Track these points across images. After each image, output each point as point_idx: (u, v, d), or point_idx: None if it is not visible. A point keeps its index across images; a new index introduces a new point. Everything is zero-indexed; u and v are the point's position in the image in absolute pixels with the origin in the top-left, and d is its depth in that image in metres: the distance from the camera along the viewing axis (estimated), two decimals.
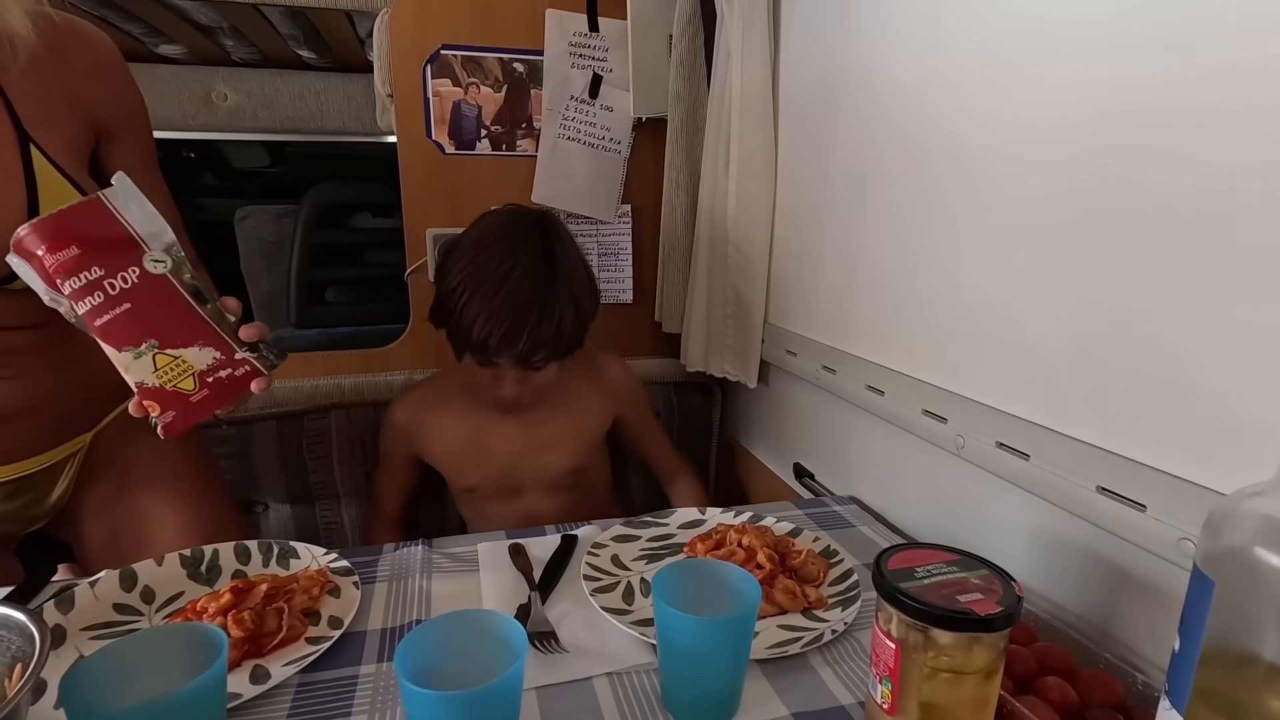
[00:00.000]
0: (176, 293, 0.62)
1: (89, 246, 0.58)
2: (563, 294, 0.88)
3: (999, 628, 0.44)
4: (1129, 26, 0.53)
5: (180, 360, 0.62)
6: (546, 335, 0.87)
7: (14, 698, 0.38)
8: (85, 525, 0.83)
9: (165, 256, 0.61)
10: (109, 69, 0.77)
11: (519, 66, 1.22)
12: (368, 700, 0.54)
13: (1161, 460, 0.52)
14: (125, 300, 0.60)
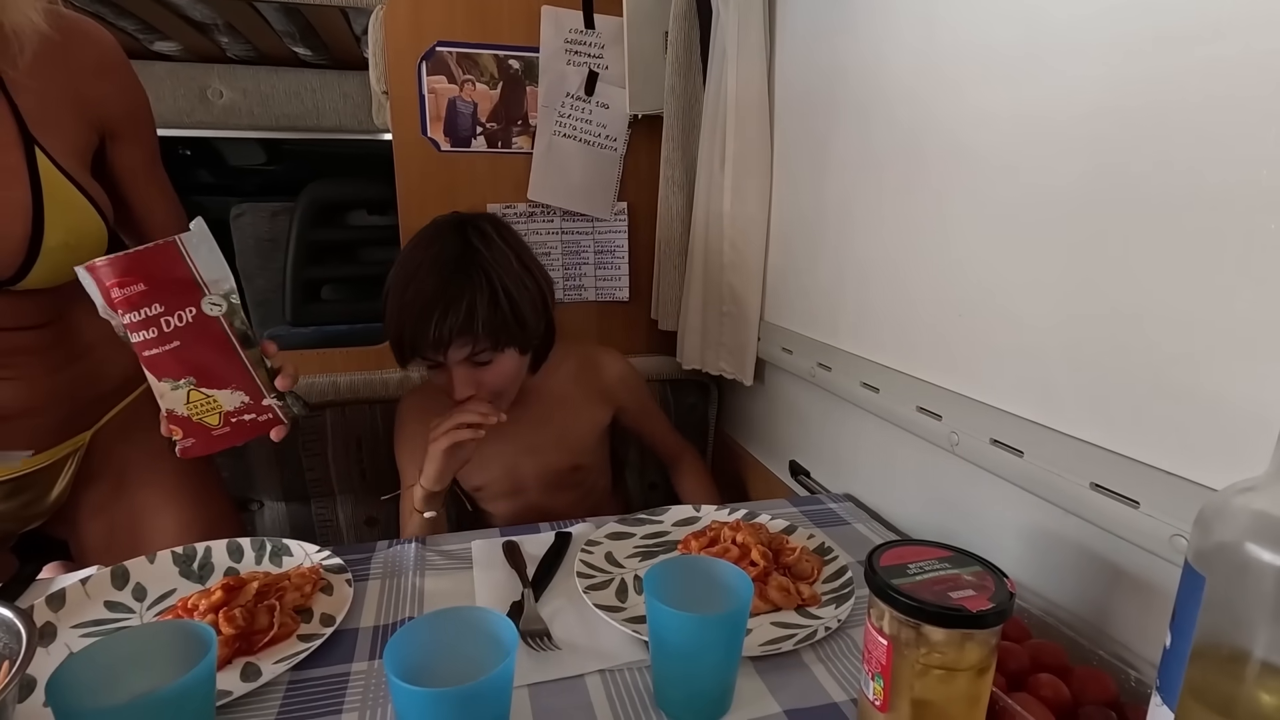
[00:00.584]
0: (225, 336, 0.64)
1: (155, 285, 0.61)
2: (476, 281, 0.87)
3: (991, 624, 0.44)
4: (1124, 22, 0.53)
5: (212, 399, 0.66)
6: (455, 323, 0.85)
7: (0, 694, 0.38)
8: (83, 524, 0.83)
9: (223, 301, 0.63)
10: (113, 67, 0.77)
11: (514, 63, 1.22)
12: (359, 698, 0.53)
13: (1154, 457, 0.52)
14: (176, 338, 0.63)
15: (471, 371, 0.90)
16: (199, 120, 1.69)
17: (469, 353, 0.88)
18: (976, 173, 0.67)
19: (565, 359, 1.06)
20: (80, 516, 0.83)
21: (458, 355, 0.88)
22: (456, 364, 0.89)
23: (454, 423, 0.86)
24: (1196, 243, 0.48)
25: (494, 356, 0.90)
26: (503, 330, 0.89)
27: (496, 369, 0.91)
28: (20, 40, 0.65)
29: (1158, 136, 0.50)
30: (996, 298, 0.66)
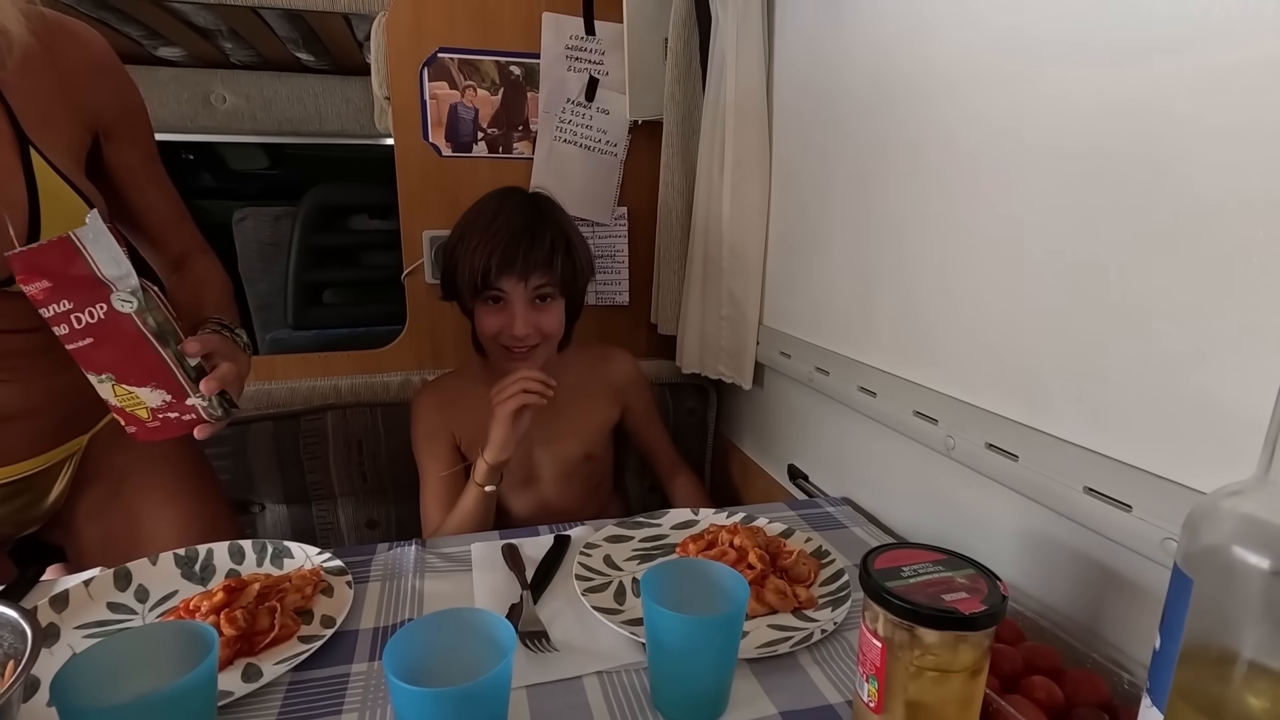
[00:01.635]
0: (139, 333, 0.63)
1: (59, 281, 0.60)
2: (552, 227, 0.96)
3: (983, 626, 0.45)
4: (1114, 30, 0.53)
5: (134, 395, 0.66)
6: (540, 257, 0.93)
7: (4, 694, 0.39)
8: (80, 527, 0.83)
9: (131, 298, 0.62)
10: (103, 67, 0.77)
11: (515, 69, 1.23)
12: (359, 698, 0.54)
13: (1146, 461, 0.52)
14: (89, 334, 0.63)
15: (530, 311, 0.95)
16: (202, 125, 1.70)
17: (541, 285, 0.95)
18: (971, 181, 0.68)
19: (580, 354, 1.11)
20: (77, 520, 0.83)
21: (534, 284, 0.94)
22: (521, 300, 0.94)
23: (519, 386, 0.89)
24: (1186, 251, 0.49)
25: (551, 297, 0.97)
26: (568, 276, 0.97)
27: (552, 313, 0.97)
28: (8, 40, 0.66)
29: (1148, 146, 0.51)
30: (991, 302, 0.67)
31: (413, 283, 1.27)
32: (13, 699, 0.39)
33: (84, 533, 0.83)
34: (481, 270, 0.92)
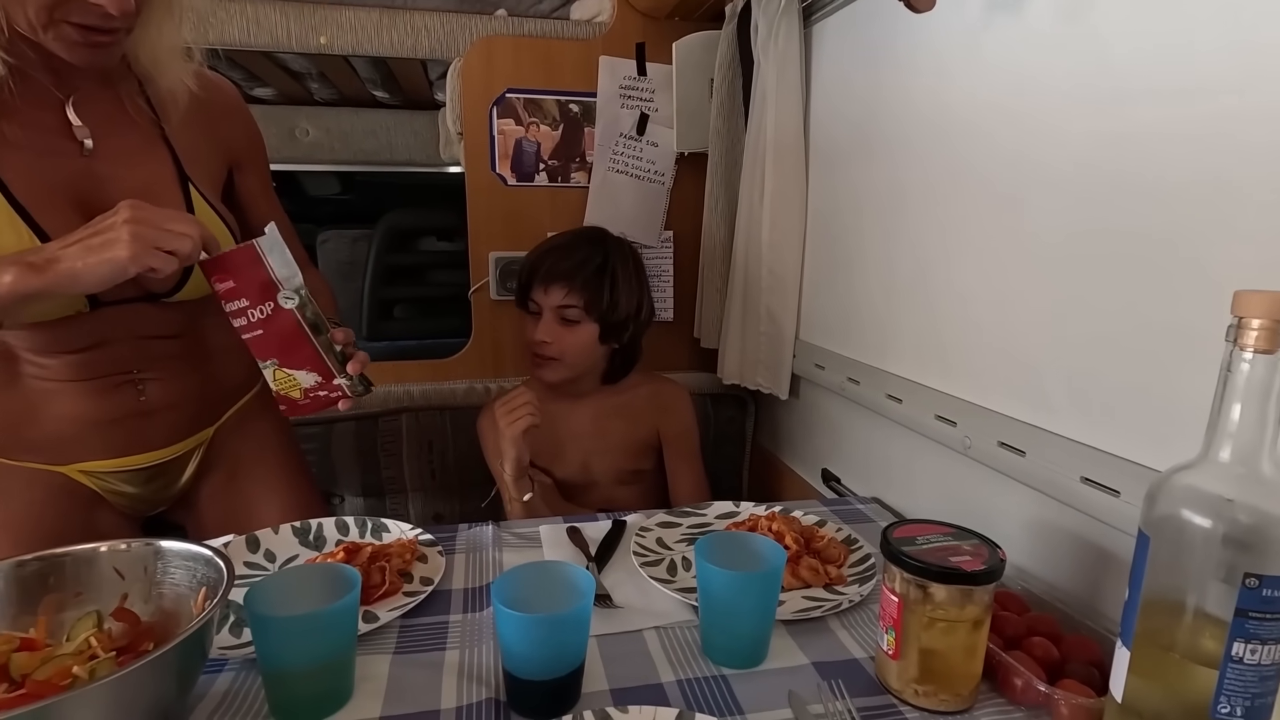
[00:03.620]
0: (299, 325, 0.76)
1: (241, 281, 0.73)
2: (596, 252, 1.07)
3: (983, 582, 0.54)
4: (1110, 79, 0.63)
5: (292, 377, 0.79)
6: (564, 269, 1.04)
7: (207, 613, 0.50)
8: (202, 507, 0.96)
9: (294, 295, 0.75)
10: (238, 110, 0.93)
11: (574, 107, 1.36)
12: (458, 639, 0.65)
13: (1132, 452, 0.60)
14: (260, 327, 0.75)
15: (555, 326, 1.06)
16: (287, 156, 1.89)
17: (561, 300, 1.05)
18: (982, 209, 0.78)
19: (644, 381, 1.21)
20: (200, 501, 0.96)
21: (553, 298, 1.05)
22: (548, 310, 1.06)
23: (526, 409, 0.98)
24: (1167, 273, 0.58)
25: (580, 320, 1.06)
26: (595, 300, 1.06)
27: (574, 335, 1.07)
28: (176, 99, 0.81)
29: (1140, 177, 0.60)
30: (1000, 315, 0.76)
31: (478, 299, 1.40)
32: (213, 617, 0.51)
33: (205, 512, 0.96)
34: (523, 280, 1.06)
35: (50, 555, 0.56)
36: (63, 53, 0.68)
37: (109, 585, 0.57)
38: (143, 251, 0.64)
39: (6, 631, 0.53)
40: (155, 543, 0.58)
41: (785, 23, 1.11)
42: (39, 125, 0.73)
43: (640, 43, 1.35)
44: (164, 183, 0.81)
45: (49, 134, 0.74)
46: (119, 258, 0.64)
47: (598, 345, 1.10)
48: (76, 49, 0.68)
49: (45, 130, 0.74)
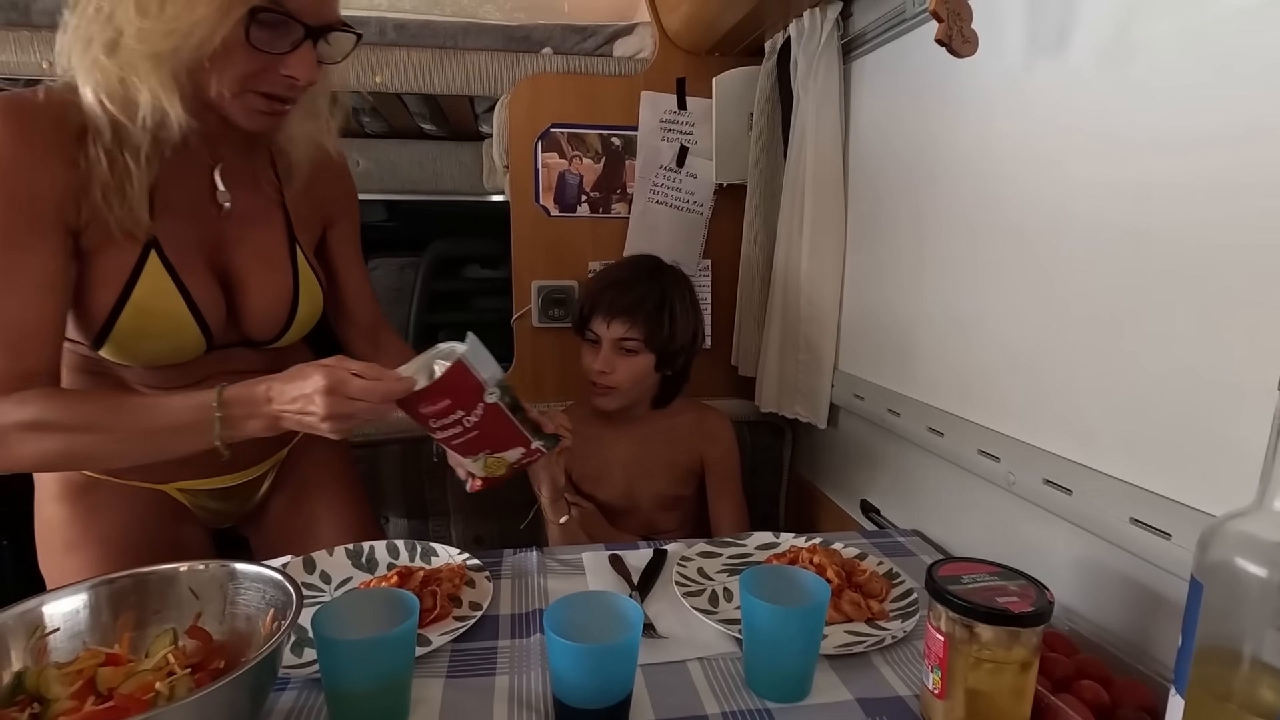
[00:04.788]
0: (503, 413, 0.78)
1: (455, 397, 0.75)
2: (657, 289, 1.10)
3: (1031, 624, 0.54)
4: (1150, 127, 0.63)
5: (501, 459, 0.82)
6: (625, 304, 1.08)
7: (281, 634, 0.53)
8: (268, 523, 1.02)
9: (497, 389, 0.77)
10: (342, 173, 0.99)
11: (616, 140, 1.40)
12: (507, 664, 0.67)
13: (1183, 494, 0.60)
14: (475, 429, 0.78)
15: (614, 356, 1.10)
16: None
17: (623, 333, 1.08)
18: (1026, 247, 0.78)
19: (688, 408, 1.24)
20: (267, 517, 1.02)
21: (615, 331, 1.08)
22: (607, 341, 1.09)
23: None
24: (1217, 314, 0.58)
25: (638, 350, 1.10)
26: (655, 334, 1.10)
27: (632, 364, 1.10)
28: (302, 170, 0.88)
29: (1175, 221, 0.61)
30: (1044, 353, 0.76)
31: (521, 326, 1.44)
32: (284, 640, 0.54)
33: (271, 527, 1.01)
34: (585, 310, 1.09)
35: (137, 574, 0.60)
36: (243, 120, 0.74)
37: (185, 604, 0.60)
38: (338, 426, 0.71)
39: (94, 646, 0.56)
40: (230, 565, 0.61)
41: (825, 59, 1.13)
42: (190, 188, 0.79)
43: (681, 78, 1.38)
44: (277, 245, 0.88)
45: (197, 197, 0.80)
46: (320, 428, 0.71)
47: (653, 373, 1.14)
48: (257, 116, 0.74)
49: (194, 194, 0.79)
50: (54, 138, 0.70)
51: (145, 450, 0.75)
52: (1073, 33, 0.71)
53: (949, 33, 0.73)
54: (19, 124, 0.69)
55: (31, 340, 0.71)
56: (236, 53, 0.68)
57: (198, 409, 0.71)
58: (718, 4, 1.17)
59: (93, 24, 0.67)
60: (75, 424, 0.70)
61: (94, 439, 0.71)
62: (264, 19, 0.68)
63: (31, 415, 0.69)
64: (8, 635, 0.54)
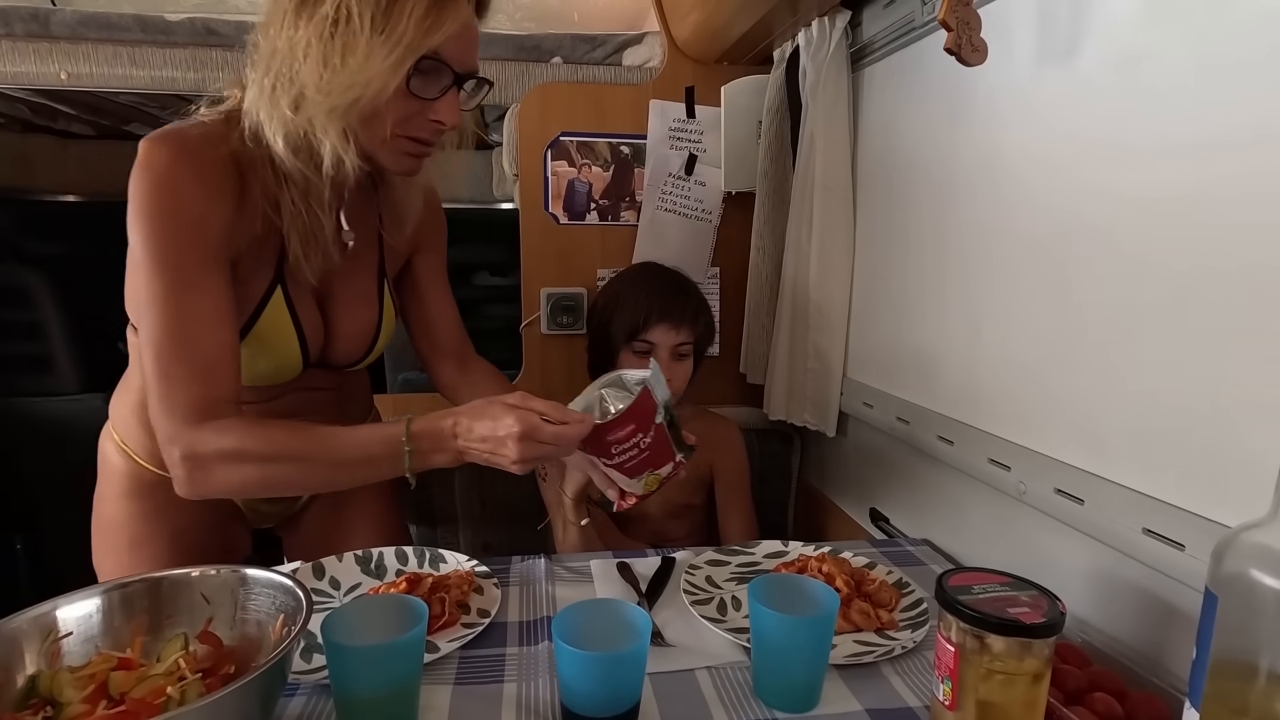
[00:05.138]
0: (665, 432, 0.80)
1: (639, 421, 0.78)
2: (696, 294, 1.15)
3: (1042, 635, 0.53)
4: (1159, 136, 0.63)
5: (657, 475, 0.82)
6: (690, 314, 1.11)
7: (291, 639, 0.53)
8: (305, 526, 1.04)
9: (663, 409, 0.79)
10: (435, 206, 1.01)
11: (625, 149, 1.41)
12: (515, 671, 0.67)
13: (1197, 504, 0.60)
14: (647, 449, 0.79)
15: (672, 362, 1.11)
16: None
17: (683, 340, 1.11)
18: (1036, 255, 0.78)
19: (698, 416, 1.24)
20: (305, 520, 1.04)
21: (677, 338, 1.10)
22: (666, 349, 1.10)
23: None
24: (1231, 327, 0.58)
25: (688, 354, 1.13)
26: (702, 339, 1.15)
27: (685, 368, 1.13)
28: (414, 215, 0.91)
29: (1200, 229, 0.60)
30: (1055, 362, 0.75)
31: (529, 333, 1.44)
32: (294, 644, 0.54)
33: (308, 530, 1.04)
34: (642, 318, 1.09)
35: (150, 578, 0.61)
36: (390, 162, 0.77)
37: (197, 609, 0.61)
38: (527, 468, 0.73)
39: (107, 651, 0.57)
40: (241, 570, 0.61)
41: (834, 68, 1.14)
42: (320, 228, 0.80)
43: (690, 86, 1.39)
44: (369, 279, 0.92)
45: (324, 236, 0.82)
46: (507, 468, 0.73)
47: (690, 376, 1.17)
48: (404, 159, 0.78)
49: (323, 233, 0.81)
50: (220, 174, 0.74)
51: (335, 479, 0.79)
52: (1082, 40, 0.71)
53: (958, 41, 0.74)
54: (193, 163, 0.72)
55: (219, 369, 0.74)
56: (396, 99, 0.72)
57: (388, 442, 0.74)
58: (727, 13, 1.17)
59: (278, 82, 0.71)
60: (273, 454, 0.73)
61: (289, 468, 0.74)
62: (423, 67, 0.71)
63: (232, 444, 0.71)
64: (22, 639, 0.54)
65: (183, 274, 0.72)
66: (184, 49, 1.21)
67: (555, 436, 0.72)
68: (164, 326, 0.71)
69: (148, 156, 0.72)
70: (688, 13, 1.27)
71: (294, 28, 0.69)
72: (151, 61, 1.21)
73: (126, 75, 1.21)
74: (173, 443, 0.71)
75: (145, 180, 0.71)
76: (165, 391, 0.71)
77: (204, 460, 0.71)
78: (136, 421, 0.88)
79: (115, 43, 1.19)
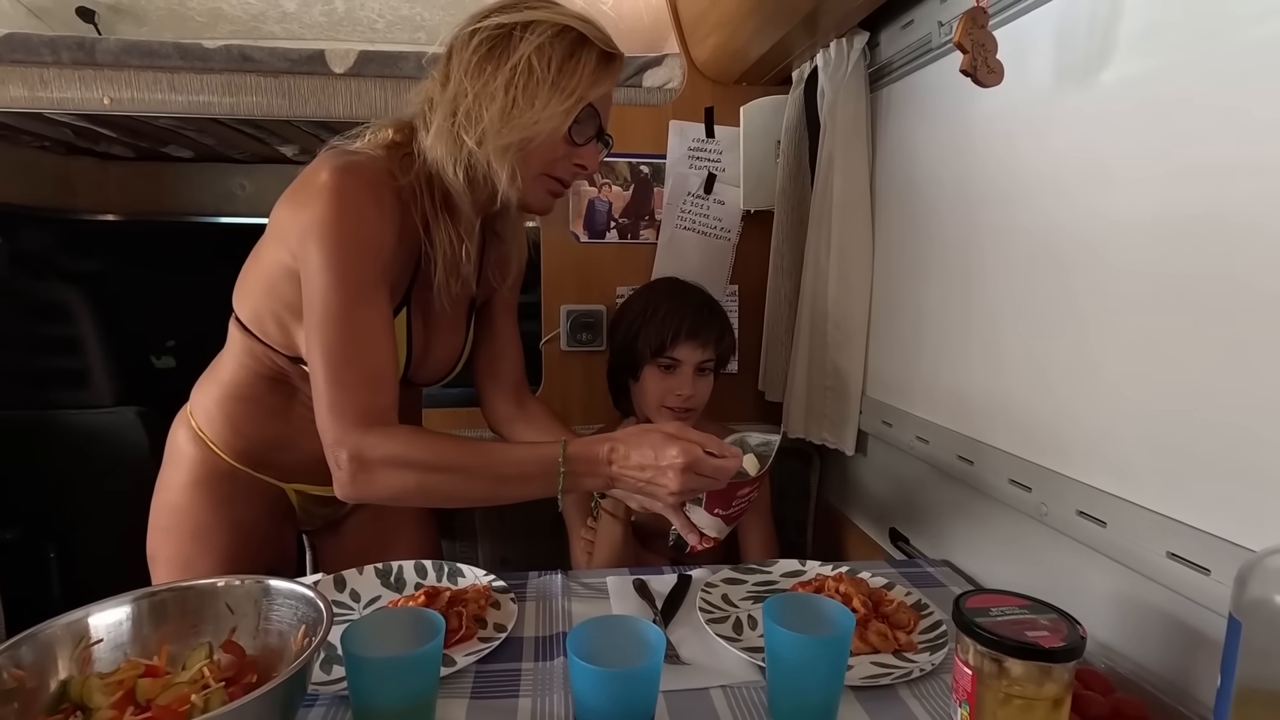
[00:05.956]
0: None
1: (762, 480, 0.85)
2: (720, 311, 1.19)
3: (1062, 659, 0.53)
4: (1177, 155, 0.63)
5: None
6: (715, 332, 1.14)
7: (312, 649, 0.54)
8: (346, 533, 1.07)
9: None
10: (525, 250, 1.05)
11: (644, 168, 1.43)
12: (530, 686, 0.67)
13: (1222, 528, 0.58)
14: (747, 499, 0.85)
15: (695, 378, 1.13)
16: None
17: (708, 357, 1.13)
18: (1058, 275, 0.77)
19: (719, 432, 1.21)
20: (346, 527, 1.08)
21: (703, 355, 1.13)
22: (691, 365, 1.12)
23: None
24: (1260, 345, 0.57)
25: (709, 370, 1.15)
26: (724, 356, 1.19)
27: (707, 383, 1.16)
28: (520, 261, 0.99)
29: (1223, 248, 0.60)
30: (1076, 382, 0.75)
31: (549, 350, 1.46)
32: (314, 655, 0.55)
33: (348, 539, 1.07)
34: (670, 335, 1.10)
35: (178, 587, 0.62)
36: (535, 200, 0.86)
37: (221, 619, 0.62)
38: (680, 500, 0.75)
39: (135, 658, 0.58)
40: (265, 581, 0.63)
41: (852, 88, 1.15)
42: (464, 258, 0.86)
43: (709, 107, 1.41)
44: (462, 309, 0.97)
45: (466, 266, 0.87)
46: (661, 499, 0.76)
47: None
48: (547, 197, 0.86)
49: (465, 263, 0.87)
50: (392, 203, 0.80)
51: (490, 493, 0.81)
52: (1100, 61, 0.71)
53: (974, 63, 0.74)
54: (374, 192, 0.78)
55: (386, 378, 0.78)
56: (553, 142, 0.81)
57: (545, 462, 0.76)
58: (746, 35, 1.19)
59: (462, 121, 0.78)
60: (435, 463, 0.76)
61: (448, 479, 0.77)
62: (582, 115, 0.81)
63: (398, 450, 0.75)
64: (56, 644, 0.56)
65: (361, 290, 0.77)
66: (220, 74, 1.26)
67: (716, 470, 0.75)
68: (340, 336, 0.76)
69: (337, 184, 0.76)
70: (707, 35, 1.29)
71: (478, 77, 0.78)
72: (189, 87, 1.26)
73: (165, 100, 1.26)
74: (340, 445, 0.74)
75: (334, 204, 0.76)
76: (337, 397, 0.75)
77: (370, 464, 0.74)
78: (220, 412, 0.92)
79: (155, 69, 1.24)
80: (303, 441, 0.92)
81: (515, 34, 0.78)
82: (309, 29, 1.93)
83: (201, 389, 0.96)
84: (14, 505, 1.62)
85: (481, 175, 0.80)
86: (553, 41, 0.78)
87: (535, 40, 0.77)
